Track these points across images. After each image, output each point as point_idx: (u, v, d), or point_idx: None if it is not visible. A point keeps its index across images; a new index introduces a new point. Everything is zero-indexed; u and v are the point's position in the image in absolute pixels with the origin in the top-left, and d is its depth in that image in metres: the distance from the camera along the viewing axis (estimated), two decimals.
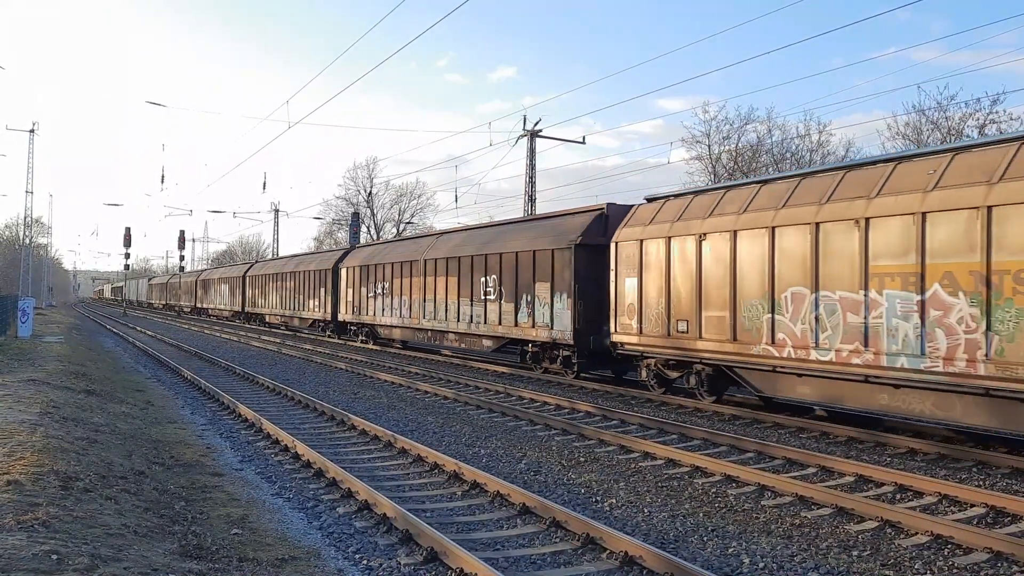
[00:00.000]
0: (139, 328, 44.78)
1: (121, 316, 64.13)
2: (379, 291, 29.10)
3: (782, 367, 12.48)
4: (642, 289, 15.48)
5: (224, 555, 5.98)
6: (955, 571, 6.19)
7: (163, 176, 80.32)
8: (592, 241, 17.76)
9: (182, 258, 76.49)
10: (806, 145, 40.59)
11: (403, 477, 9.23)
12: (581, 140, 48.23)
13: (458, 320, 23.05)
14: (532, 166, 39.68)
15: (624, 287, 16.01)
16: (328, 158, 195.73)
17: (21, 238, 67.56)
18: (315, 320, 36.46)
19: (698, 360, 14.28)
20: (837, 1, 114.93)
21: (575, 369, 18.42)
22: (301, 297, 37.65)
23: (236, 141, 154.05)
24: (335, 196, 71.72)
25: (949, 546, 6.68)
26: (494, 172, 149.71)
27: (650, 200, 16.44)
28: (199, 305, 61.15)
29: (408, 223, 67.43)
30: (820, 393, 12.25)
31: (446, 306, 23.74)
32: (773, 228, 12.58)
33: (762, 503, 8.11)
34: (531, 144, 39.41)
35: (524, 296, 19.79)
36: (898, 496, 8.42)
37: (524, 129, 39.05)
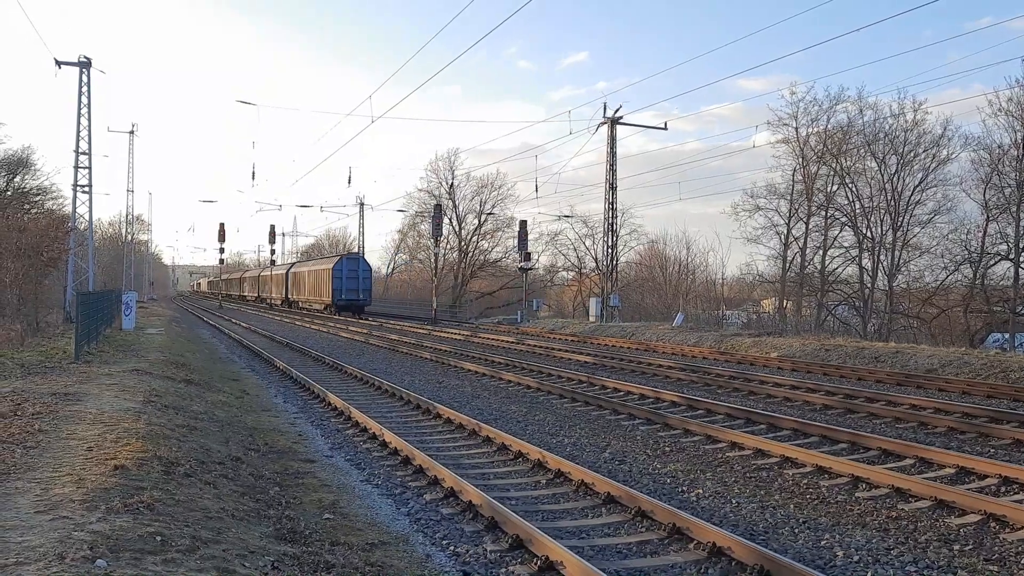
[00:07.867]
0: (234, 320, 46.48)
1: (217, 309, 66.66)
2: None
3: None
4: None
5: (317, 539, 6.15)
6: None
7: (254, 173, 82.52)
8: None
9: (273, 252, 78.74)
10: (900, 125, 38.81)
11: (488, 465, 9.32)
12: (663, 126, 47.43)
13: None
14: (613, 154, 39.22)
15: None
16: (410, 151, 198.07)
17: (123, 235, 70.82)
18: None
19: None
20: None
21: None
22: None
23: (322, 137, 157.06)
24: (417, 189, 72.62)
25: None
26: (572, 161, 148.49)
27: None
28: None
29: (489, 214, 67.79)
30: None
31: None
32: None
33: (856, 495, 7.86)
34: (611, 131, 38.92)
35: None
36: (1003, 489, 8.04)
37: (604, 116, 38.59)
